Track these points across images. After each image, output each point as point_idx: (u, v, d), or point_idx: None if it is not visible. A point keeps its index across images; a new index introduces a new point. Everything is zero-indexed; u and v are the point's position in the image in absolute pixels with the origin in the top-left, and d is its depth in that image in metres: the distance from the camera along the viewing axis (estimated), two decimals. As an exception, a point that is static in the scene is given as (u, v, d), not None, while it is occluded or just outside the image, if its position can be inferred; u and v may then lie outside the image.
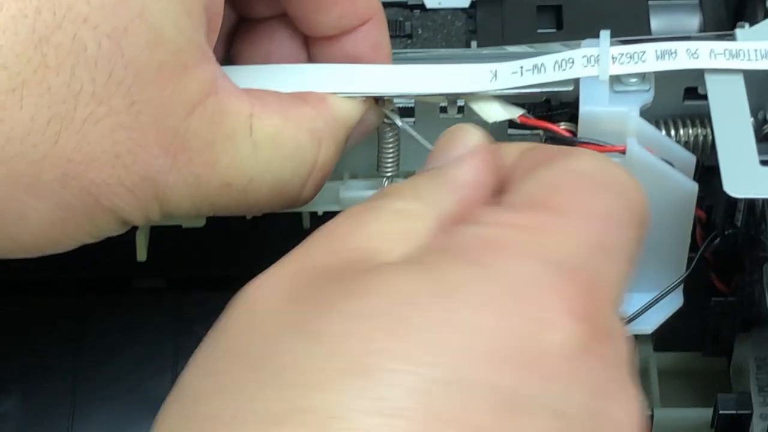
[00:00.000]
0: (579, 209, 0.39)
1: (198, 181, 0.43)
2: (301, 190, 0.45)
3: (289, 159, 0.44)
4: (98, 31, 0.39)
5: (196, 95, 0.42)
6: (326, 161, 0.46)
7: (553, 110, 0.49)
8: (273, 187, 0.44)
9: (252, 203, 0.45)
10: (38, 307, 0.55)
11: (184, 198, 0.43)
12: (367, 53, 0.48)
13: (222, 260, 0.54)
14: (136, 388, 0.53)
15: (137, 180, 0.41)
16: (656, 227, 0.49)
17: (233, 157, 0.43)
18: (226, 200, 0.44)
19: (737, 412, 0.50)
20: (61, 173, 0.40)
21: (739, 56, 0.47)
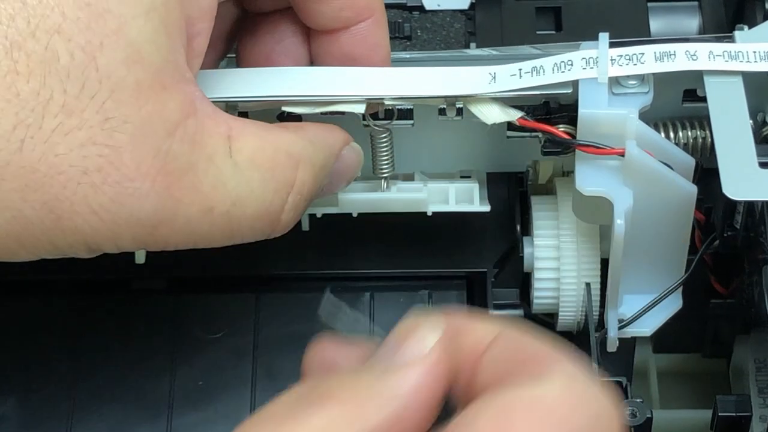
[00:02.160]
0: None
1: (178, 205, 0.41)
2: (281, 213, 0.44)
3: (269, 180, 0.44)
4: (72, 43, 0.39)
5: (176, 116, 0.41)
6: (304, 183, 0.45)
7: (552, 112, 0.49)
8: (255, 210, 0.43)
9: (235, 229, 0.43)
10: (38, 308, 0.55)
11: (160, 225, 0.41)
12: (366, 53, 0.48)
13: (221, 262, 0.54)
14: (134, 390, 0.52)
15: (105, 201, 0.40)
16: (655, 230, 0.49)
17: (215, 179, 0.42)
18: (207, 227, 0.42)
19: (736, 414, 0.50)
20: (22, 184, 0.39)
21: (738, 58, 0.48)
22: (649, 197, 0.48)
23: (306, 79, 0.47)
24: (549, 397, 0.34)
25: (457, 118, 0.49)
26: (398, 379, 0.36)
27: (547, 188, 0.54)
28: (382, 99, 0.48)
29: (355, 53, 0.48)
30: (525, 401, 0.34)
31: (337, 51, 0.48)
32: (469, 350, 0.37)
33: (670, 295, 0.51)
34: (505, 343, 0.37)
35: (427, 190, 0.52)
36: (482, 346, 0.37)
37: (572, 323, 0.53)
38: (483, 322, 0.38)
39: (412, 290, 0.55)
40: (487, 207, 0.52)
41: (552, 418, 0.34)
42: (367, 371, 0.36)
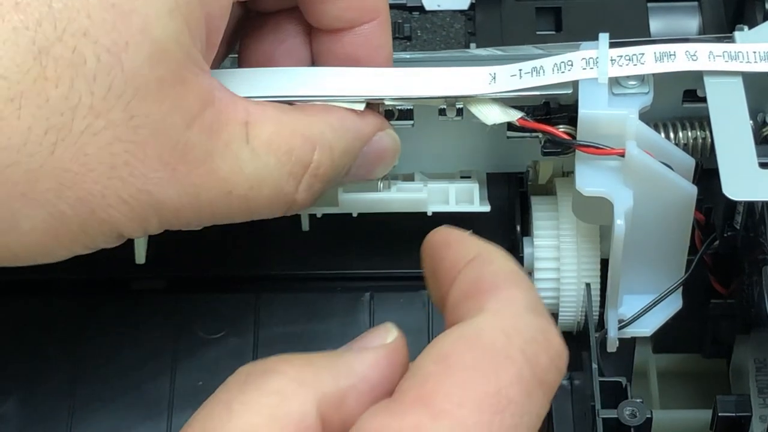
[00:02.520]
0: (461, 400, 0.35)
1: (198, 191, 0.43)
2: (295, 194, 0.45)
3: (285, 163, 0.45)
4: (98, 45, 0.40)
5: (195, 108, 0.42)
6: (320, 166, 0.46)
7: (552, 113, 0.49)
8: (271, 192, 0.45)
9: (253, 209, 0.45)
10: (38, 308, 0.55)
11: (183, 208, 0.43)
12: (369, 54, 0.48)
13: (221, 262, 0.54)
14: (135, 390, 0.52)
15: (134, 191, 0.42)
16: (655, 230, 0.49)
17: (232, 165, 0.44)
18: (227, 208, 0.44)
19: (736, 414, 0.50)
20: (56, 183, 0.40)
21: (738, 58, 0.48)
22: (649, 198, 0.48)
23: (307, 79, 0.47)
24: (487, 328, 0.37)
25: (457, 119, 0.49)
26: (356, 358, 0.38)
27: (547, 188, 0.54)
28: (382, 99, 0.48)
29: (358, 54, 0.48)
30: (461, 343, 0.37)
31: (340, 51, 0.48)
32: (449, 264, 0.40)
33: (670, 295, 0.51)
34: (475, 267, 0.40)
35: (427, 190, 0.52)
36: (460, 265, 0.40)
37: (572, 323, 0.53)
38: (469, 240, 0.41)
39: (412, 290, 0.55)
40: (487, 207, 0.52)
41: (486, 357, 0.36)
42: (326, 353, 0.38)
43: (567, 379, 0.53)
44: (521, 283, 0.39)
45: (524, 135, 0.50)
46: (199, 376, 0.53)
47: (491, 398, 0.36)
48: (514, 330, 0.37)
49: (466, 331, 0.37)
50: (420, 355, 0.38)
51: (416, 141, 0.52)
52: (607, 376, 0.49)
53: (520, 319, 0.38)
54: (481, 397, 0.36)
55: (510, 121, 0.48)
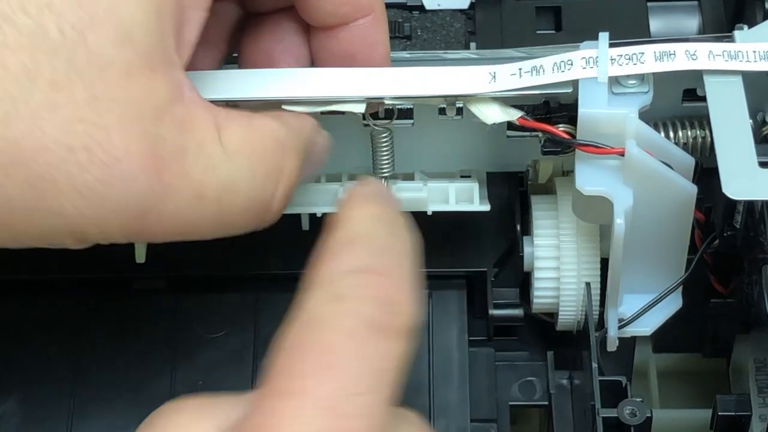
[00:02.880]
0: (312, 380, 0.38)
1: (167, 191, 0.41)
2: (271, 200, 0.44)
3: (259, 167, 0.43)
4: (62, 19, 0.39)
5: (165, 100, 0.41)
6: (292, 170, 0.45)
7: (551, 112, 0.49)
8: (246, 197, 0.43)
9: (225, 218, 0.43)
10: (38, 308, 0.55)
11: (150, 212, 0.41)
12: (365, 50, 0.48)
13: (221, 262, 0.54)
14: (135, 389, 0.53)
15: (91, 181, 0.39)
16: (655, 229, 0.49)
17: (206, 165, 0.42)
18: (197, 216, 0.42)
19: (736, 413, 0.50)
20: (5, 159, 0.38)
21: (737, 57, 0.48)
22: (649, 197, 0.48)
23: (306, 80, 0.47)
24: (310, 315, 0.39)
25: (457, 118, 0.49)
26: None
27: (547, 188, 0.54)
28: (382, 99, 0.48)
29: (354, 50, 0.48)
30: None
31: (337, 48, 0.48)
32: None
33: (670, 294, 0.51)
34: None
35: (427, 189, 0.52)
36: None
37: (572, 323, 0.53)
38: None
39: (411, 290, 0.55)
40: (487, 206, 0.52)
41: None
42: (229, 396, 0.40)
43: (567, 378, 0.53)
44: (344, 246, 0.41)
45: (524, 134, 0.50)
46: (199, 376, 0.53)
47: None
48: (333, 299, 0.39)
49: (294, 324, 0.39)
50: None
51: (416, 140, 0.52)
52: (607, 375, 0.49)
53: (341, 282, 0.40)
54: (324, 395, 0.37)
55: (510, 121, 0.48)
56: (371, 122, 0.50)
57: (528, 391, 0.54)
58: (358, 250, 0.41)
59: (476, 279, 0.55)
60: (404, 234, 0.43)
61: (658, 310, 0.51)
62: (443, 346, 0.53)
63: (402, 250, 0.42)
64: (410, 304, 0.40)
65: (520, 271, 0.54)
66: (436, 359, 0.53)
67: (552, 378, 0.53)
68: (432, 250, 0.54)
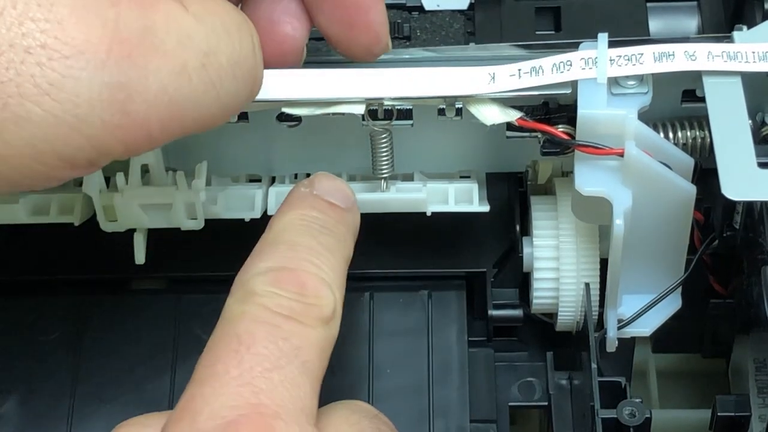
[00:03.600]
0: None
1: (145, 73, 0.38)
2: (253, 55, 0.42)
3: (230, 23, 0.42)
4: None
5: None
6: (253, 27, 0.43)
7: (551, 113, 0.49)
8: (229, 56, 0.41)
9: (217, 82, 0.41)
10: (38, 308, 0.55)
11: (133, 97, 0.38)
12: (360, 11, 0.47)
13: (221, 262, 0.54)
14: (135, 390, 0.53)
15: (56, 78, 0.37)
16: (654, 230, 0.49)
17: (179, 35, 0.39)
18: (188, 88, 0.40)
19: (736, 413, 0.50)
20: None
21: (736, 58, 0.48)
22: (648, 197, 0.48)
23: (306, 81, 0.47)
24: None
25: (457, 119, 0.49)
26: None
27: (546, 188, 0.54)
28: (381, 99, 0.48)
29: (346, 3, 0.47)
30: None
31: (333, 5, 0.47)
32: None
33: (669, 295, 0.51)
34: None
35: (426, 190, 0.52)
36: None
37: (571, 323, 0.53)
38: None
39: (411, 290, 0.55)
40: (486, 207, 0.52)
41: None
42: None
43: (566, 378, 0.53)
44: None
45: (523, 135, 0.50)
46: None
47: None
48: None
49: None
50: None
51: (416, 141, 0.52)
52: (607, 375, 0.49)
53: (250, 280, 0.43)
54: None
55: (509, 121, 0.48)
56: (371, 123, 0.50)
57: (527, 392, 0.54)
58: (272, 253, 0.44)
59: (476, 279, 0.55)
60: (327, 235, 0.45)
61: (658, 310, 0.51)
62: (443, 346, 0.53)
63: (319, 250, 0.44)
64: (325, 295, 0.43)
65: (519, 271, 0.54)
66: (436, 360, 0.53)
67: (551, 378, 0.53)
68: (431, 251, 0.55)
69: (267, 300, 0.42)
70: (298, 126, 0.51)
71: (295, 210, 0.46)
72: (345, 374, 0.52)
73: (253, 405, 0.39)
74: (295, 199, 0.47)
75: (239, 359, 0.40)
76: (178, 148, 0.53)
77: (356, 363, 0.53)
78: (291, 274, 0.43)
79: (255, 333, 0.41)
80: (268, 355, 0.40)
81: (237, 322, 0.42)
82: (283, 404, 0.40)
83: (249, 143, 0.53)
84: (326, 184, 0.47)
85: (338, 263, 0.45)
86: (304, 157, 0.53)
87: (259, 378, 0.40)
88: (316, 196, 0.47)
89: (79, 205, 0.52)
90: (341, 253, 0.45)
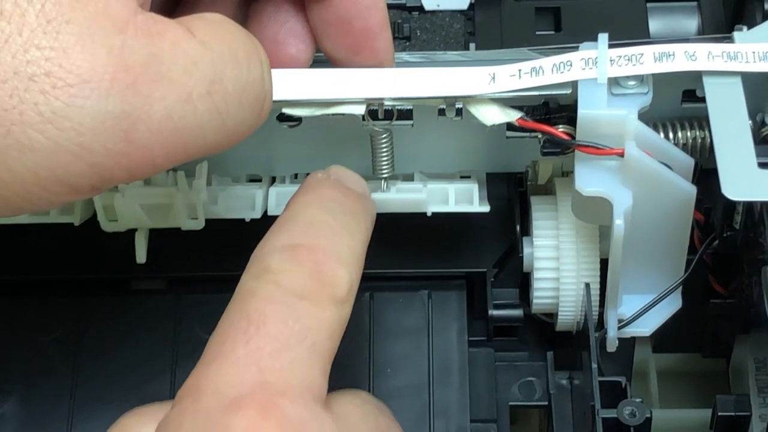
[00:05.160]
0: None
1: (149, 101, 0.38)
2: (262, 81, 0.43)
3: (238, 48, 0.42)
4: None
5: (122, 13, 0.38)
6: (263, 51, 0.43)
7: (551, 113, 0.49)
8: (236, 83, 0.41)
9: (223, 110, 0.41)
10: (38, 308, 0.55)
11: (137, 125, 0.38)
12: (360, 14, 0.47)
13: (222, 262, 0.54)
14: (135, 390, 0.53)
15: (59, 107, 0.37)
16: (655, 230, 0.49)
17: (185, 62, 0.39)
18: (192, 116, 0.40)
19: (736, 413, 0.50)
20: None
21: (737, 58, 0.48)
22: (648, 198, 0.48)
23: (306, 81, 0.47)
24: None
25: (457, 119, 0.49)
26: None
27: (546, 188, 0.54)
28: (382, 99, 0.48)
29: (350, 15, 0.47)
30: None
31: (333, 16, 0.47)
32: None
33: (669, 295, 0.51)
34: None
35: (426, 190, 0.52)
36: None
37: (572, 323, 0.53)
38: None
39: (411, 290, 0.55)
40: (486, 207, 0.52)
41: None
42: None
43: (567, 378, 0.53)
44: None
45: (523, 135, 0.50)
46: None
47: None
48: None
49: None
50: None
51: (416, 141, 0.52)
52: (607, 375, 0.49)
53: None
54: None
55: (509, 121, 0.48)
56: (371, 123, 0.50)
57: (528, 392, 0.54)
58: (290, 229, 0.43)
59: (476, 279, 0.55)
60: (346, 215, 0.44)
61: (658, 310, 0.51)
62: (443, 346, 0.53)
63: (337, 229, 0.44)
64: (340, 275, 0.42)
65: (519, 271, 0.54)
66: (436, 360, 0.53)
67: (552, 378, 0.53)
68: (432, 251, 0.55)
69: (281, 277, 0.41)
70: (299, 126, 0.51)
71: (314, 191, 0.45)
72: (345, 374, 0.52)
73: (260, 383, 0.39)
74: (314, 182, 0.46)
75: (247, 339, 0.40)
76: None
77: (356, 363, 0.53)
78: (308, 252, 0.42)
79: (266, 312, 0.41)
80: (277, 336, 0.40)
81: (249, 300, 0.41)
82: (291, 383, 0.40)
83: (249, 143, 0.53)
84: (342, 173, 0.47)
85: (357, 244, 0.44)
86: (305, 157, 0.53)
87: (266, 358, 0.40)
88: (335, 181, 0.46)
89: (80, 205, 0.52)
90: (360, 235, 0.45)
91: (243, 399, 0.39)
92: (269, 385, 0.39)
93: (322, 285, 0.42)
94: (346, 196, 0.45)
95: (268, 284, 0.41)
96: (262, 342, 0.40)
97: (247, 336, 0.40)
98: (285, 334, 0.40)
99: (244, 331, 0.40)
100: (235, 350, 0.40)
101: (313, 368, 0.40)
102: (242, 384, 0.39)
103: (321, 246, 0.43)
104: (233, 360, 0.40)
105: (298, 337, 0.40)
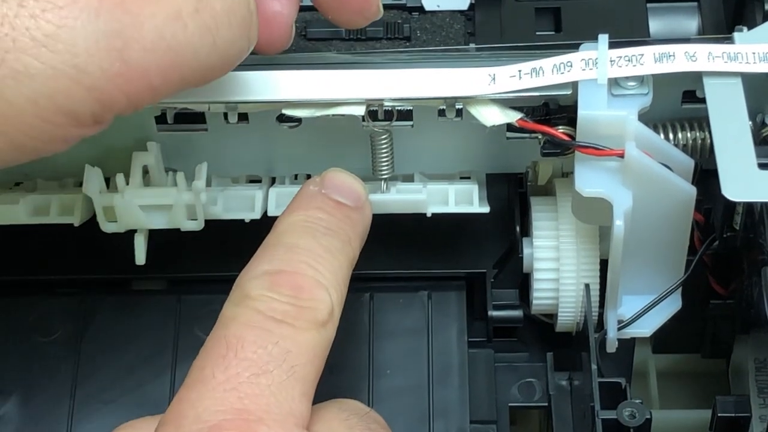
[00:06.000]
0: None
1: (139, 19, 0.38)
2: (247, 5, 0.42)
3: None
4: None
5: None
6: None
7: (551, 114, 0.49)
8: (223, 3, 0.41)
9: (213, 28, 0.40)
10: (38, 309, 0.55)
11: (130, 44, 0.38)
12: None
13: (221, 262, 0.54)
14: (135, 391, 0.53)
15: (51, 30, 0.37)
16: (655, 231, 0.49)
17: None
18: (183, 34, 0.39)
19: (736, 414, 0.50)
20: None
21: (737, 59, 0.48)
22: (648, 198, 0.48)
23: (306, 82, 0.47)
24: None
25: (457, 119, 0.49)
26: None
27: (546, 189, 0.54)
28: (381, 100, 0.48)
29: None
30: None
31: None
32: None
33: (669, 295, 0.51)
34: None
35: (426, 191, 0.52)
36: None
37: (571, 324, 0.53)
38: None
39: (411, 291, 0.55)
40: (486, 208, 0.52)
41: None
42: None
43: (566, 379, 0.53)
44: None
45: (523, 136, 0.50)
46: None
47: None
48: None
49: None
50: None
51: (416, 142, 0.52)
52: (607, 376, 0.49)
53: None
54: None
55: (509, 122, 0.48)
56: (371, 124, 0.50)
57: (527, 392, 0.54)
58: (272, 255, 0.44)
59: (476, 280, 0.55)
60: (330, 236, 0.45)
61: (658, 311, 0.51)
62: (443, 347, 0.53)
63: (319, 252, 0.44)
64: (321, 299, 0.43)
65: (519, 272, 0.54)
66: (436, 360, 0.53)
67: (551, 379, 0.53)
68: (431, 252, 0.55)
69: (260, 304, 0.42)
70: (298, 127, 0.51)
71: (300, 211, 0.46)
72: (345, 375, 0.52)
73: (238, 410, 0.40)
74: (303, 198, 0.47)
75: (226, 364, 0.41)
76: (178, 149, 0.53)
77: (356, 363, 0.53)
78: (287, 277, 0.43)
79: (244, 337, 0.41)
80: (256, 360, 0.41)
81: (228, 325, 0.42)
82: (269, 409, 0.40)
83: (249, 144, 0.53)
84: (337, 182, 0.47)
85: (339, 265, 0.45)
86: (304, 158, 0.53)
87: (245, 383, 0.40)
88: (324, 195, 0.47)
89: (79, 205, 0.52)
90: (344, 254, 0.45)
91: (221, 426, 0.39)
92: (248, 412, 0.40)
93: (301, 309, 0.42)
94: (333, 214, 0.46)
95: (248, 310, 0.42)
96: (241, 367, 0.40)
97: (226, 362, 0.41)
98: (263, 359, 0.41)
99: (223, 357, 0.41)
100: (215, 376, 0.40)
101: (292, 392, 0.41)
102: (221, 410, 0.40)
103: (301, 270, 0.43)
104: (213, 385, 0.40)
105: (276, 360, 0.41)
